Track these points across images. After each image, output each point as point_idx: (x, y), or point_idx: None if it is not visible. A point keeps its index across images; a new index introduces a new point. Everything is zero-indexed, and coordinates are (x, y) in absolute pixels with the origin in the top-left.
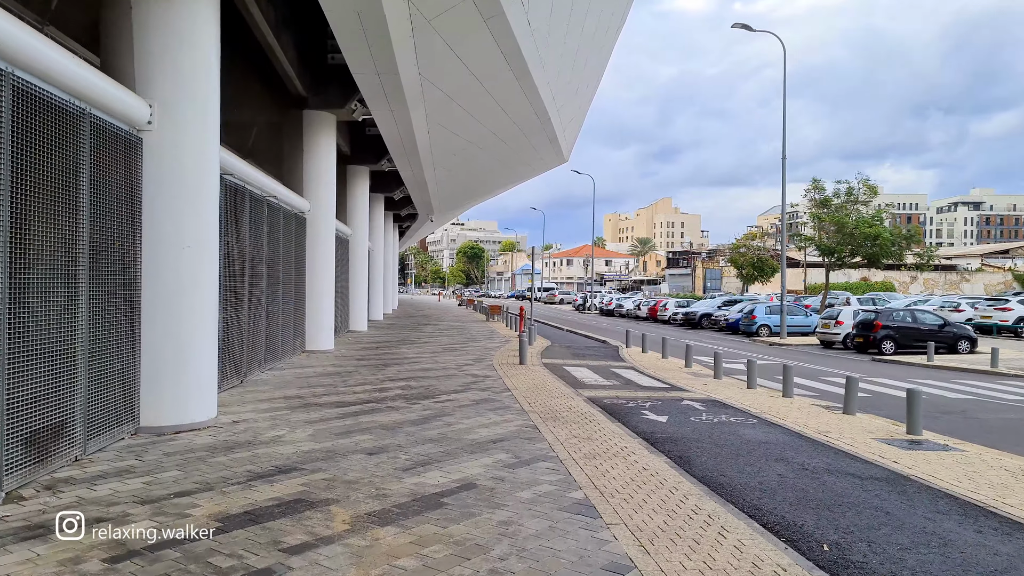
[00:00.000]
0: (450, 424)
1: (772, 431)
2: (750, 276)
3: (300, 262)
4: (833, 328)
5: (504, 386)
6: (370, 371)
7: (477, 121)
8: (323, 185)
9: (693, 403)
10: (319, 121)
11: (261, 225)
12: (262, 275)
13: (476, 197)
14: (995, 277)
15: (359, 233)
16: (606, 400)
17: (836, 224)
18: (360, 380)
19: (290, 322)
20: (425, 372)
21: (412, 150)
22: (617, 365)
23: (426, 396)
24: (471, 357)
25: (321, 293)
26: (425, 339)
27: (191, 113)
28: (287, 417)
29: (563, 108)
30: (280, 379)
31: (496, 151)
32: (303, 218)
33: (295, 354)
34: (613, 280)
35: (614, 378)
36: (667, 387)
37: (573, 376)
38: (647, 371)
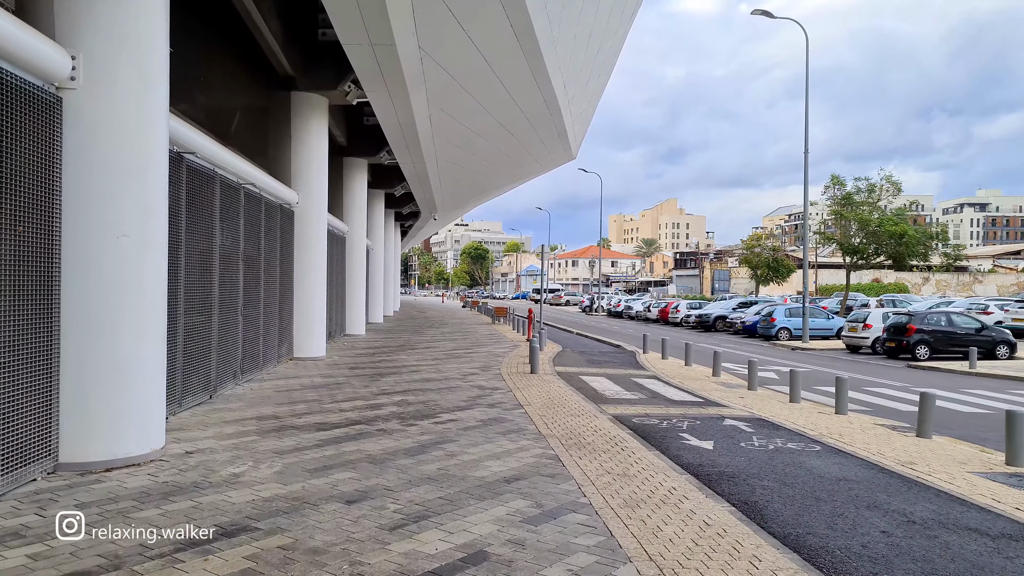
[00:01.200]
0: (453, 454)
1: (844, 463)
2: (764, 277)
3: (287, 260)
4: (861, 332)
5: (515, 401)
6: (363, 382)
7: (484, 110)
8: (314, 175)
9: (736, 422)
10: (309, 104)
11: (236, 216)
12: (238, 274)
13: (481, 195)
14: (1007, 279)
15: (356, 230)
16: (635, 419)
17: (860, 222)
18: (350, 394)
19: (273, 327)
20: (425, 383)
21: (413, 141)
22: (638, 374)
23: (425, 415)
24: (477, 365)
25: (311, 294)
26: (427, 344)
27: (129, 69)
28: (254, 446)
29: (574, 99)
30: (257, 393)
31: (503, 144)
32: (290, 211)
33: (280, 362)
34: (619, 281)
35: (638, 390)
36: (700, 401)
37: (592, 388)
38: (672, 381)
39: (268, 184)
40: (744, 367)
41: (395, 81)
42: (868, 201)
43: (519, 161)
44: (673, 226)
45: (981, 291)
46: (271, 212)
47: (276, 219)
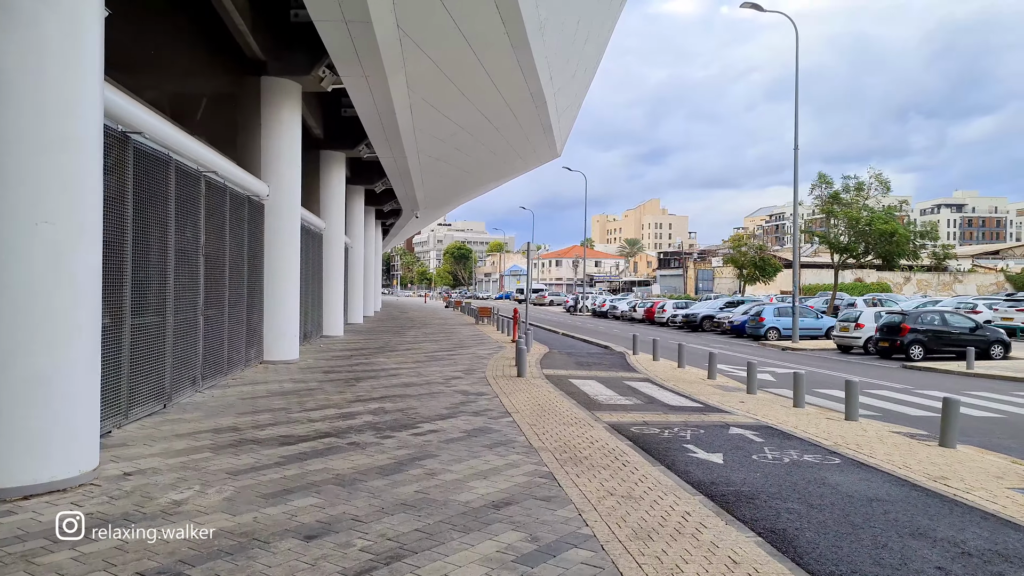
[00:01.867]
0: (433, 473)
1: (870, 478)
2: (751, 276)
3: (256, 256)
4: (853, 332)
5: (502, 408)
6: (338, 388)
7: (467, 100)
8: (285, 166)
9: (743, 431)
10: (280, 90)
11: (196, 207)
12: (198, 270)
13: (465, 193)
14: (987, 278)
15: (335, 227)
16: (634, 428)
17: (849, 220)
18: (322, 401)
19: (241, 328)
20: (405, 389)
21: (393, 133)
22: (630, 376)
23: (403, 425)
24: (461, 368)
25: (283, 293)
26: (408, 345)
27: (50, 21)
28: (205, 464)
29: (560, 92)
30: (220, 401)
31: (487, 139)
32: (260, 203)
33: (249, 367)
34: (603, 281)
35: (632, 394)
36: (700, 407)
37: (583, 392)
38: (667, 384)
39: (234, 174)
40: (737, 368)
41: (372, 65)
42: (856, 199)
43: (504, 157)
44: (656, 226)
45: (962, 290)
46: (238, 204)
47: (243, 212)
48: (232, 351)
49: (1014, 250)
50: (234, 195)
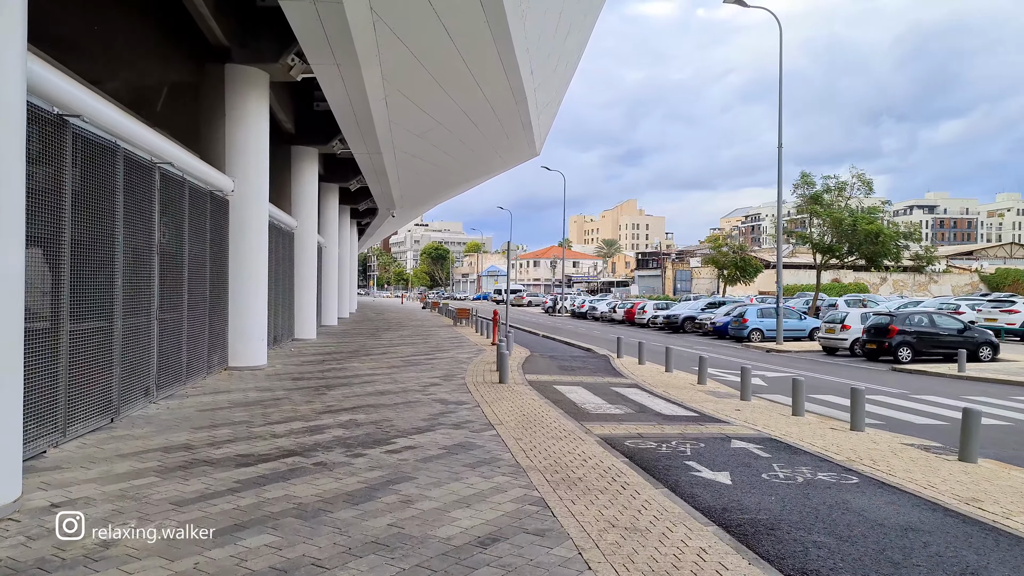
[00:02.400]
0: (409, 500)
1: (898, 501)
2: (732, 277)
3: (219, 255)
4: (839, 333)
5: (485, 419)
6: (306, 397)
7: (445, 94)
8: (251, 160)
9: (746, 444)
10: (246, 79)
11: (149, 201)
12: (151, 270)
13: (442, 192)
14: (962, 279)
15: (307, 225)
16: (629, 442)
17: (833, 221)
18: (288, 412)
19: (202, 332)
20: (379, 397)
21: (368, 127)
22: (617, 382)
23: (377, 440)
24: (439, 373)
25: (249, 295)
26: (384, 349)
27: None
28: (148, 492)
29: (540, 87)
30: (175, 414)
31: (466, 136)
32: (223, 199)
33: (211, 374)
34: (581, 281)
35: (622, 402)
36: (695, 416)
37: (570, 400)
38: (657, 391)
39: (193, 166)
40: (726, 372)
41: (344, 52)
42: (840, 199)
43: (482, 155)
44: (633, 227)
45: (937, 291)
46: (199, 199)
47: (205, 208)
48: (192, 357)
49: (987, 251)
50: (194, 189)
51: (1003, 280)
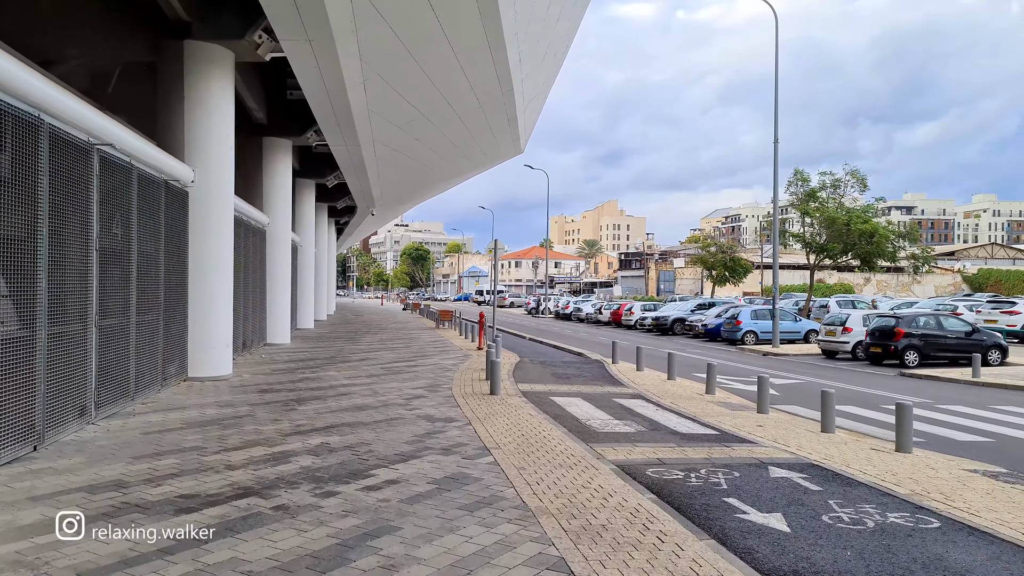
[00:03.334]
0: (394, 565)
1: (1000, 554)
2: (721, 278)
3: (178, 253)
4: (840, 336)
5: (479, 441)
6: (274, 414)
7: (429, 80)
8: (215, 147)
9: (787, 472)
10: (209, 58)
11: (84, 189)
12: (88, 269)
13: (423, 189)
14: (944, 279)
15: (280, 222)
16: (651, 471)
17: (827, 219)
18: (251, 435)
19: (155, 339)
20: (357, 414)
21: (345, 116)
22: (619, 392)
23: (353, 472)
24: (423, 383)
25: (212, 296)
26: (362, 355)
27: None
28: (52, 556)
29: (527, 78)
30: (115, 438)
31: (450, 129)
32: (182, 190)
33: (167, 386)
34: (563, 282)
35: (630, 417)
36: (715, 434)
37: (571, 415)
38: (663, 402)
39: (142, 150)
40: (728, 379)
41: (317, 27)
42: (834, 197)
43: (466, 151)
44: (614, 227)
45: (920, 291)
46: (151, 189)
47: (159, 199)
48: (142, 368)
49: (969, 251)
50: (145, 178)
51: (985, 280)
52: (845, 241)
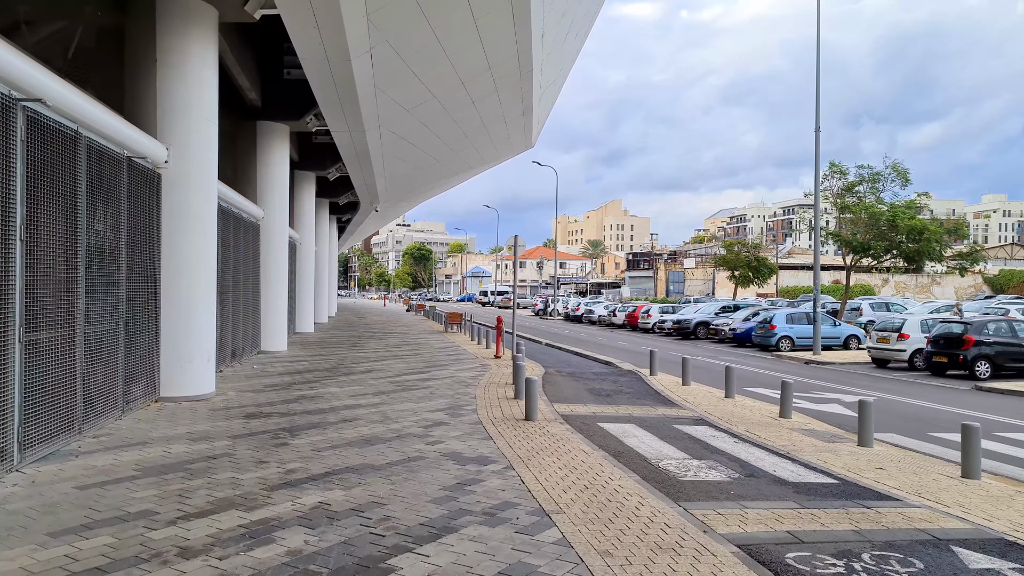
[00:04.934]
0: None
1: None
2: (744, 279)
3: (145, 248)
4: (895, 343)
5: (531, 499)
6: (259, 452)
7: (442, 51)
8: (194, 123)
9: (987, 560)
10: (186, 15)
11: (4, 161)
12: (8, 268)
13: (429, 185)
14: (965, 280)
15: (276, 217)
16: (792, 558)
17: (870, 215)
18: (223, 489)
19: (113, 354)
20: (365, 451)
21: (349, 94)
22: (677, 417)
23: (364, 565)
24: (441, 403)
25: (191, 300)
26: (368, 364)
27: None
28: None
29: (548, 59)
30: (39, 493)
31: (461, 116)
32: (152, 173)
33: (131, 410)
34: (569, 283)
35: (707, 454)
36: (835, 484)
37: (634, 452)
38: (736, 430)
39: (91, 115)
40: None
41: None
42: (873, 190)
43: (476, 142)
44: (618, 227)
45: (940, 293)
46: (106, 168)
47: (119, 181)
48: (93, 392)
49: (988, 252)
50: (99, 151)
51: (1007, 281)
52: (889, 239)
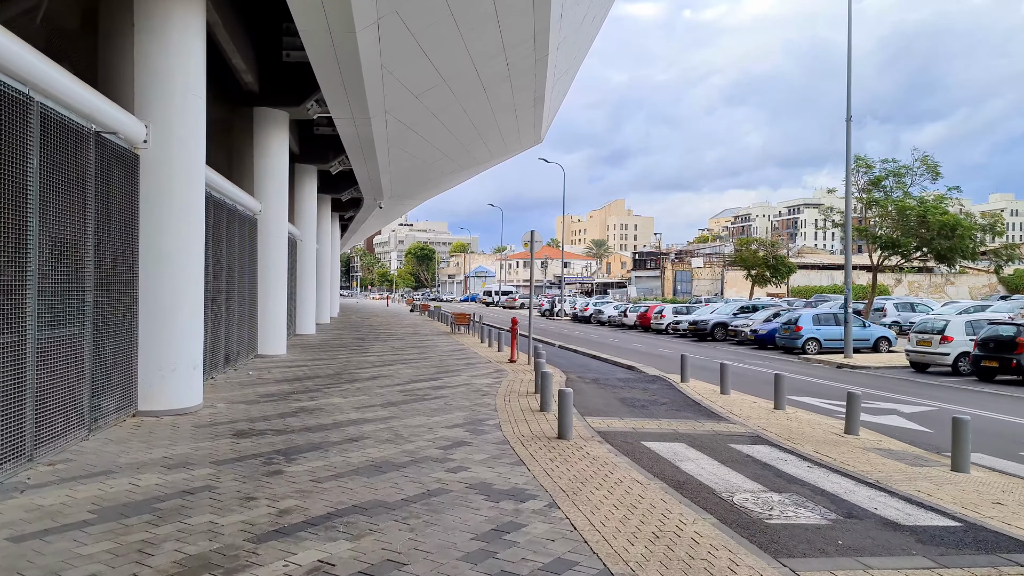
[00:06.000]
0: None
1: None
2: (761, 278)
3: (120, 240)
4: (938, 347)
5: (591, 555)
6: (246, 484)
7: (455, 26)
8: (179, 98)
9: None
10: None
11: None
12: None
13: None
14: (979, 280)
15: (274, 210)
16: None
17: (899, 210)
18: (197, 540)
19: (76, 363)
20: (374, 482)
21: (353, 73)
22: (727, 433)
23: None
24: (459, 417)
25: (174, 300)
26: (374, 370)
27: None
28: None
29: (564, 43)
30: None
31: (472, 104)
32: (128, 154)
33: (102, 428)
34: (574, 282)
35: (784, 484)
36: (958, 527)
37: (696, 481)
38: (803, 450)
39: (43, 74)
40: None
41: None
42: (901, 185)
43: (484, 135)
44: (621, 227)
45: (954, 293)
46: (69, 142)
47: (85, 159)
48: (50, 410)
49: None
50: (56, 121)
51: (1022, 281)
52: (918, 236)
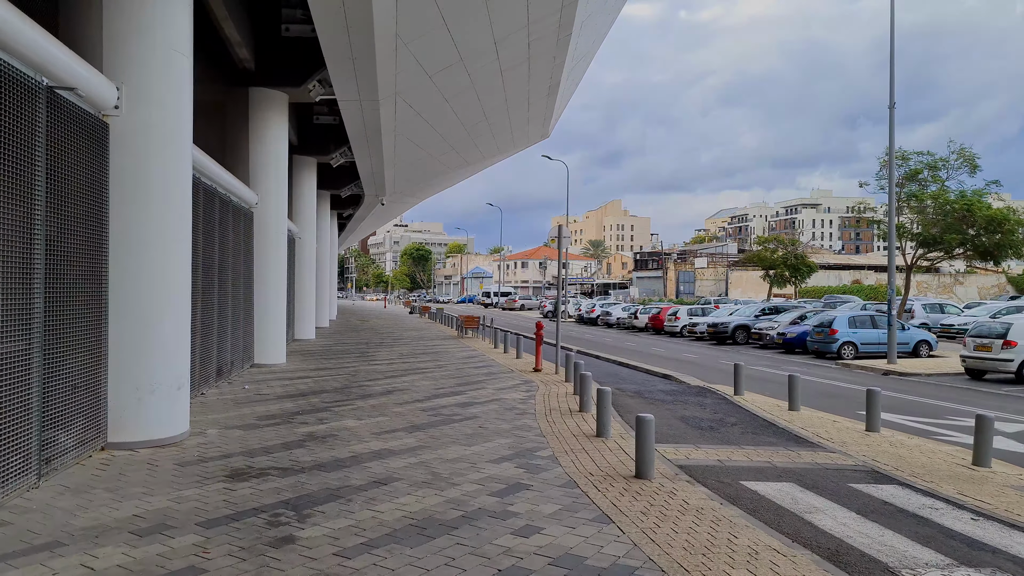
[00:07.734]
0: None
1: None
2: (781, 278)
3: (86, 230)
4: (999, 352)
5: None
6: (243, 566)
7: None
8: (157, 54)
9: None
10: None
11: None
12: None
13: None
14: (987, 279)
15: (272, 203)
16: None
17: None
18: None
19: (21, 388)
20: (419, 550)
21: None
22: (832, 464)
23: None
24: (503, 445)
25: (153, 306)
26: (388, 382)
27: None
28: None
29: (588, 22)
30: None
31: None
32: (95, 121)
33: (60, 468)
34: (574, 283)
35: (954, 542)
36: None
37: (845, 543)
38: (942, 490)
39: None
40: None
41: None
42: (937, 178)
43: (494, 126)
44: (618, 228)
45: (962, 293)
46: (13, 96)
47: (33, 122)
48: None
49: None
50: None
51: None
52: (959, 232)
